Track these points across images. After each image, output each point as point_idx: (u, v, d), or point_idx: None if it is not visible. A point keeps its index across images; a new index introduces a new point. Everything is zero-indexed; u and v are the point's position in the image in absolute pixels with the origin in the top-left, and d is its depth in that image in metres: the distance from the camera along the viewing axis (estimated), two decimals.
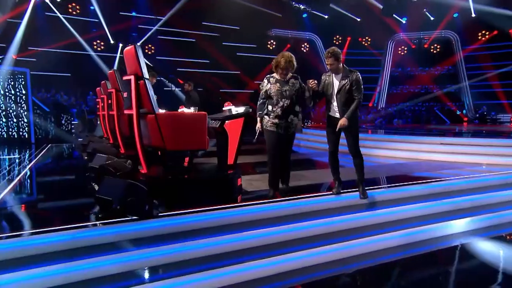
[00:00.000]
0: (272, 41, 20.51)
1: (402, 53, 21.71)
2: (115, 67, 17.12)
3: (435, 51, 21.23)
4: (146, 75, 3.67)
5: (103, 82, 7.61)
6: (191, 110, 4.15)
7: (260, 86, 3.92)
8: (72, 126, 13.65)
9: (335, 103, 3.91)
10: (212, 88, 17.99)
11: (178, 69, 18.41)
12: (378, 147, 8.34)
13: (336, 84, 3.93)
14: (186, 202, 3.49)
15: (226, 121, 4.10)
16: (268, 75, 3.94)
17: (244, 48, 19.09)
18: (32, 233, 2.74)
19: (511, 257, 3.49)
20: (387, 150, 8.09)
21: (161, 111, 3.87)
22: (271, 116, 3.86)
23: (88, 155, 6.91)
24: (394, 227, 3.74)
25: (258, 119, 3.91)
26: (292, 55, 3.87)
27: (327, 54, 3.92)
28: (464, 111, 20.29)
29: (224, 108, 4.41)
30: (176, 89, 15.84)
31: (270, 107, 3.84)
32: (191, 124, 3.74)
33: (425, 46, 21.37)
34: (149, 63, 14.25)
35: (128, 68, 3.90)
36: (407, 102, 20.78)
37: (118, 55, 17.36)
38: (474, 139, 8.25)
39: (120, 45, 17.41)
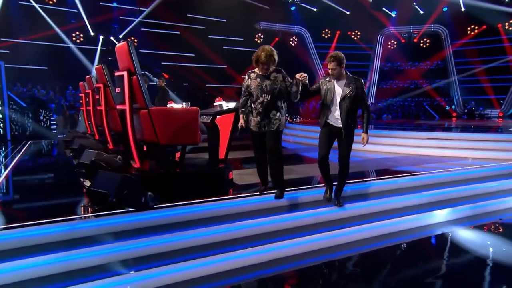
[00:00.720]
0: (259, 34, 20.75)
1: (392, 48, 22.29)
2: (96, 61, 17.00)
3: (424, 46, 21.86)
4: (139, 71, 3.89)
5: (88, 76, 7.77)
6: (183, 105, 4.39)
7: (242, 84, 3.86)
8: (52, 122, 13.60)
9: (336, 112, 3.82)
10: (198, 82, 18.13)
11: (162, 62, 18.45)
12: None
13: (339, 91, 3.83)
14: (179, 195, 3.75)
15: (217, 116, 4.36)
16: (250, 71, 3.87)
17: (231, 41, 19.24)
18: (34, 224, 2.96)
19: (487, 244, 3.89)
20: (375, 145, 8.49)
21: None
22: (253, 114, 3.77)
23: (73, 151, 7.05)
24: (377, 218, 4.10)
25: (241, 115, 3.85)
26: (272, 48, 3.76)
27: (330, 58, 3.82)
28: (453, 107, 20.99)
29: (215, 104, 4.67)
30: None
31: (251, 104, 3.76)
32: (184, 119, 3.99)
33: (415, 40, 21.95)
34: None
35: (121, 64, 4.11)
36: (397, 97, 21.40)
37: (99, 47, 17.29)
38: (460, 134, 8.75)
39: (101, 37, 17.29)
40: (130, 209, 3.34)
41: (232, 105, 4.51)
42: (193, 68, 18.32)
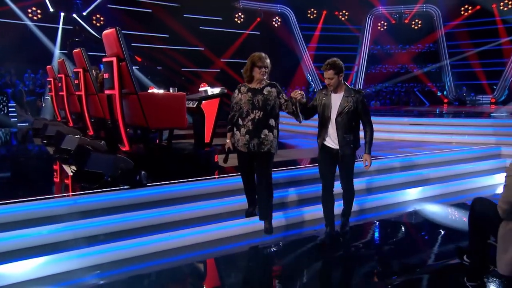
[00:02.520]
0: (240, 14, 21.23)
1: (382, 29, 23.15)
2: (58, 41, 17.03)
3: (416, 27, 22.62)
4: (128, 57, 4.55)
5: (60, 60, 8.24)
6: (171, 91, 5.09)
7: (232, 98, 3.77)
8: (11, 109, 13.85)
9: (332, 129, 3.67)
10: (173, 66, 18.52)
11: (132, 44, 18.69)
12: None
13: (336, 105, 3.65)
14: (168, 176, 4.47)
15: (203, 101, 5.08)
16: (240, 84, 3.76)
17: (208, 21, 19.64)
18: (41, 199, 3.65)
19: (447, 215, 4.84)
20: (361, 132, 9.41)
21: None
22: (241, 132, 3.66)
23: (48, 138, 7.62)
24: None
25: (228, 135, 3.76)
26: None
27: (326, 66, 3.66)
28: (444, 92, 22.14)
29: (200, 89, 5.37)
30: (134, 67, 16.34)
31: (240, 121, 3.65)
32: (172, 103, 4.70)
33: (406, 21, 22.70)
34: (97, 36, 14.48)
35: (109, 50, 4.76)
36: (386, 83, 22.48)
37: (61, 26, 17.36)
38: (442, 119, 9.77)
39: (62, 14, 17.36)
40: (125, 187, 4.05)
41: (217, 90, 5.24)
42: (167, 50, 18.55)
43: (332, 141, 3.73)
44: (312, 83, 21.91)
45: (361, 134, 3.84)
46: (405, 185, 5.55)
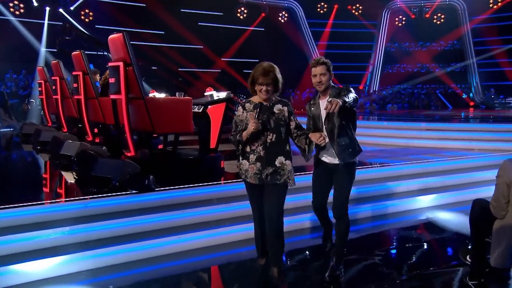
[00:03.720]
0: (242, 8, 21.95)
1: (400, 25, 23.71)
2: (44, 38, 17.67)
3: (438, 22, 23.07)
4: (135, 62, 5.18)
5: (54, 61, 8.91)
6: (177, 95, 5.71)
7: (234, 117, 3.61)
8: None
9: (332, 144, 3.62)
10: (170, 66, 19.14)
11: None
12: (363, 134, 10.29)
13: (324, 111, 3.55)
14: (174, 181, 5.07)
15: (209, 106, 5.70)
16: (244, 101, 3.62)
17: (208, 16, 20.33)
18: (52, 202, 4.27)
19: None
20: (373, 138, 10.06)
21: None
22: (250, 159, 3.49)
23: (42, 144, 8.27)
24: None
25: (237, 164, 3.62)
26: (273, 65, 3.55)
27: (315, 63, 3.64)
28: (470, 95, 22.36)
29: (205, 94, 5.99)
30: None
31: (248, 146, 3.49)
32: (178, 108, 5.32)
33: (427, 16, 23.15)
34: (89, 34, 15.13)
35: (115, 55, 5.40)
36: (404, 84, 23.00)
37: (46, 22, 18.02)
38: (462, 124, 10.37)
39: (47, 9, 18.04)
40: (134, 191, 4.66)
41: (223, 95, 5.86)
42: (163, 49, 19.18)
43: (328, 154, 3.70)
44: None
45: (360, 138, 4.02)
46: (416, 192, 6.13)
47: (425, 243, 4.94)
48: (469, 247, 3.80)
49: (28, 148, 9.20)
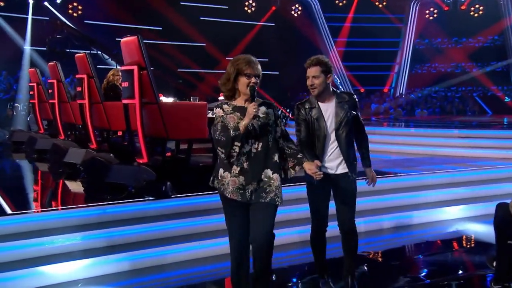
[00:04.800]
0: (250, 1, 22.73)
1: (430, 18, 24.30)
2: (28, 34, 18.38)
3: (476, 15, 23.40)
4: (149, 66, 5.93)
5: (52, 63, 9.71)
6: (191, 100, 6.45)
7: (216, 117, 3.50)
8: None
9: (332, 148, 3.85)
10: (169, 66, 19.80)
11: (117, 38, 20.10)
12: (388, 142, 11.02)
13: (330, 115, 3.85)
14: (189, 188, 5.78)
15: None
16: (220, 102, 3.62)
17: (212, 10, 21.08)
18: (69, 208, 5.00)
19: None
20: (399, 146, 10.76)
21: None
22: (232, 172, 3.41)
23: (38, 152, 9.05)
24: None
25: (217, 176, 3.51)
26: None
27: (310, 62, 3.86)
28: None
29: (219, 98, 6.73)
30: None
31: (233, 152, 3.36)
32: (193, 113, 6.05)
33: (462, 7, 23.58)
34: (81, 32, 15.91)
35: (129, 58, 6.16)
36: (436, 86, 23.55)
37: (30, 16, 18.77)
38: (499, 131, 11.02)
39: (31, 1, 18.85)
40: (151, 198, 5.38)
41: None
42: (160, 46, 19.79)
43: (330, 163, 3.88)
44: (341, 87, 23.12)
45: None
46: (445, 203, 6.81)
47: (453, 253, 5.61)
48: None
49: (20, 157, 9.97)
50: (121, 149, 7.57)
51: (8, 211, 4.96)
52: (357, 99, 4.05)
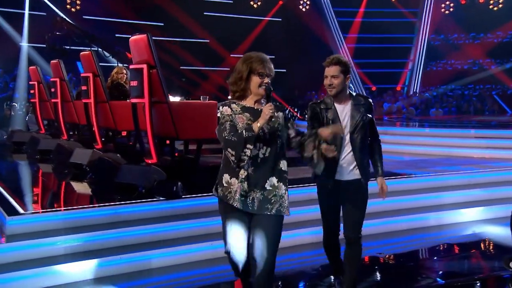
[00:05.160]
0: None
1: (446, 12, 24.45)
2: (26, 31, 18.67)
3: (495, 8, 23.57)
4: (159, 64, 6.19)
5: (54, 61, 10.01)
6: (201, 99, 6.71)
7: (223, 116, 3.45)
8: None
9: (345, 152, 3.94)
10: (171, 63, 20.06)
11: (117, 35, 20.40)
12: (401, 142, 11.27)
13: (346, 117, 3.95)
14: (199, 188, 6.04)
15: None
16: (228, 101, 3.53)
17: (216, 5, 21.45)
18: (81, 208, 5.28)
19: None
20: (413, 147, 11.05)
21: None
22: (239, 177, 3.39)
23: (42, 153, 9.36)
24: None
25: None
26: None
27: (330, 60, 3.93)
28: None
29: (229, 97, 6.98)
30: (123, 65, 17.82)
31: (244, 155, 3.30)
32: (204, 113, 6.31)
33: (481, 1, 23.71)
34: (82, 29, 16.19)
35: (137, 57, 6.43)
36: (452, 84, 23.67)
37: (27, 12, 19.04)
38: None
39: None
40: (162, 198, 5.64)
41: None
42: (162, 43, 19.91)
43: (345, 170, 3.96)
44: (351, 85, 23.27)
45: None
46: (461, 205, 7.04)
47: (469, 255, 5.84)
48: None
49: (22, 158, 10.26)
50: (127, 150, 7.87)
51: (20, 211, 5.22)
52: (372, 103, 4.14)
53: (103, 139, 8.57)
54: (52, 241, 4.83)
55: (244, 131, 3.29)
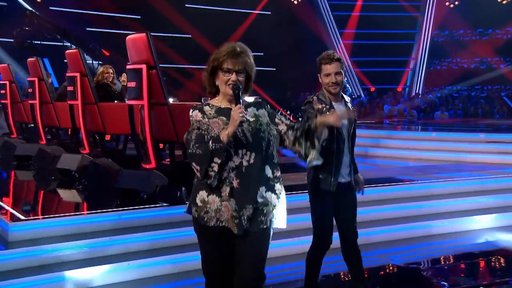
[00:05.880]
0: None
1: (451, 6, 25.12)
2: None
3: (504, 1, 24.29)
4: (158, 65, 6.68)
5: (32, 59, 10.41)
6: (202, 101, 7.20)
7: (192, 122, 3.30)
8: None
9: (346, 155, 4.35)
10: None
11: (88, 28, 20.66)
12: (404, 147, 11.90)
13: (344, 120, 4.07)
14: None
15: None
16: (200, 103, 3.39)
17: None
18: (83, 214, 5.75)
19: None
20: (417, 152, 11.74)
21: None
22: (222, 194, 3.21)
23: (19, 159, 9.76)
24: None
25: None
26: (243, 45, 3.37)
27: (328, 59, 4.21)
28: None
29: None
30: (97, 63, 18.17)
31: (211, 171, 3.14)
32: None
33: None
34: (53, 24, 16.43)
35: (135, 56, 6.91)
36: (457, 85, 24.28)
37: None
38: None
39: None
40: (164, 204, 6.12)
41: (250, 99, 7.36)
42: None
43: (345, 173, 4.42)
44: (348, 86, 23.79)
45: None
46: (472, 212, 7.61)
47: (482, 264, 6.42)
48: None
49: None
50: (115, 155, 8.34)
51: (22, 217, 5.68)
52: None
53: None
54: (56, 248, 5.27)
55: (210, 141, 3.14)
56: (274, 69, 22.00)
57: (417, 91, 25.03)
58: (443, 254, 6.77)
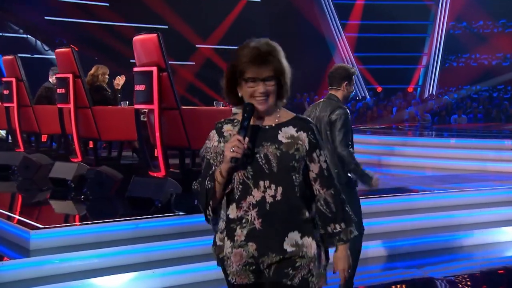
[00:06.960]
0: None
1: None
2: None
3: None
4: (169, 67, 7.65)
5: (9, 57, 11.24)
6: (215, 105, 8.20)
7: (203, 151, 3.12)
8: None
9: None
10: (124, 55, 20.71)
11: (47, 17, 20.59)
12: (423, 155, 12.98)
13: None
14: None
15: None
16: (221, 121, 3.16)
17: None
18: (101, 222, 6.73)
19: None
20: (433, 160, 12.84)
21: None
22: (236, 238, 2.95)
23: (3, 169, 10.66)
24: None
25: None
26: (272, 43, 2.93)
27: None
28: None
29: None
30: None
31: (229, 210, 2.99)
32: (217, 120, 7.77)
33: None
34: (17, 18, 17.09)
35: (144, 58, 7.87)
36: (477, 85, 25.04)
37: None
38: None
39: None
40: (181, 213, 7.10)
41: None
42: (108, 28, 21.23)
43: None
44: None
45: None
46: (501, 223, 8.64)
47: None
48: None
49: None
50: (109, 163, 9.25)
51: (41, 226, 6.59)
52: None
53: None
54: (75, 256, 6.21)
55: (207, 181, 2.94)
56: None
57: (430, 92, 25.65)
58: (477, 268, 7.72)
